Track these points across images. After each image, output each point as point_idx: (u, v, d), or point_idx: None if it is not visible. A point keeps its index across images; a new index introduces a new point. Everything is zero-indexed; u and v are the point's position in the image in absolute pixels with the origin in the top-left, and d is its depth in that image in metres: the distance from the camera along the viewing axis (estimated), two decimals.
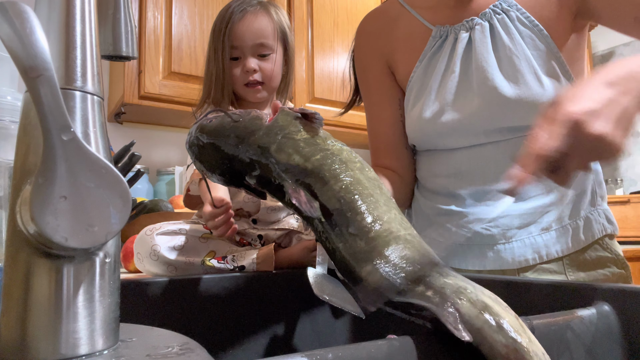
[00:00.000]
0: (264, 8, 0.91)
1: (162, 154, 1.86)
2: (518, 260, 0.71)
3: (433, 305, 0.30)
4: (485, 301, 0.29)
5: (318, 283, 0.48)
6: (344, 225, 0.38)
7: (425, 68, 0.79)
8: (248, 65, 0.87)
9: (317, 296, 0.46)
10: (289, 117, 0.45)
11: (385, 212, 0.38)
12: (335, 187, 0.39)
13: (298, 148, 0.42)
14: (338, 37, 1.98)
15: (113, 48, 0.37)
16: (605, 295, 0.40)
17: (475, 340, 0.27)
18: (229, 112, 0.47)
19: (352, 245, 0.37)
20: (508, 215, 0.72)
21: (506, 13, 0.72)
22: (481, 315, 0.28)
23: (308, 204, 0.39)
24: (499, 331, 0.27)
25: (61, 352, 0.25)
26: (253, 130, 0.44)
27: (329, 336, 0.72)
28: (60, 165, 0.24)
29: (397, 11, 0.85)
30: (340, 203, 0.38)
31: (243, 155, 0.44)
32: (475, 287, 0.31)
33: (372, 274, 0.35)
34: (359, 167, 0.42)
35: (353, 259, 0.36)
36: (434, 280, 0.32)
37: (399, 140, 0.85)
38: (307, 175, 0.40)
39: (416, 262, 0.34)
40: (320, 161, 0.41)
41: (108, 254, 0.28)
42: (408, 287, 0.32)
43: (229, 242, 0.81)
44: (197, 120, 0.50)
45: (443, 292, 0.30)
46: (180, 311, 0.62)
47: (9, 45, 0.23)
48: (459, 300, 0.29)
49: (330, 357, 0.24)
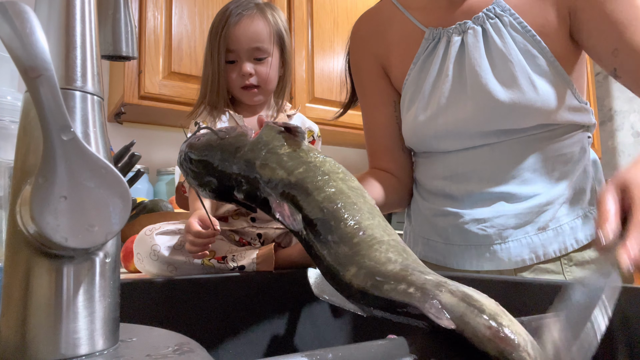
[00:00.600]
0: (261, 11, 0.91)
1: (162, 154, 1.86)
2: (515, 260, 0.71)
3: (415, 300, 0.30)
4: (464, 290, 0.30)
5: (318, 284, 0.48)
6: (328, 233, 0.39)
7: (419, 71, 0.79)
8: (244, 69, 0.88)
9: (317, 297, 0.46)
10: (272, 132, 0.46)
11: (368, 219, 0.40)
12: (318, 198, 0.40)
13: (281, 162, 0.43)
14: (338, 37, 1.98)
15: (113, 48, 0.37)
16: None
17: (458, 327, 0.28)
18: (215, 130, 0.49)
19: (336, 251, 0.38)
20: (504, 215, 0.72)
21: (499, 18, 0.72)
22: (461, 302, 0.29)
23: (291, 217, 0.41)
24: (480, 315, 0.28)
25: (61, 352, 0.25)
26: (238, 147, 0.46)
27: (329, 336, 0.72)
28: (60, 165, 0.24)
29: (390, 12, 0.85)
30: (324, 213, 0.40)
31: (230, 171, 0.46)
32: (454, 283, 0.32)
33: (356, 276, 0.36)
34: (341, 178, 0.43)
35: (337, 264, 0.37)
36: (415, 278, 0.32)
37: (395, 143, 0.85)
38: (291, 188, 0.42)
39: (398, 263, 0.35)
40: (303, 174, 0.42)
41: (108, 254, 0.28)
42: (391, 286, 0.33)
43: (228, 242, 0.81)
44: (187, 139, 0.51)
45: (424, 287, 0.31)
46: (180, 311, 0.62)
47: (9, 45, 0.23)
48: (439, 292, 0.30)
49: (330, 357, 0.24)
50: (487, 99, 0.70)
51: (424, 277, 0.32)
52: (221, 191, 0.48)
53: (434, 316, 0.28)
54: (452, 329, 0.28)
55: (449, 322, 0.28)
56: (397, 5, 0.84)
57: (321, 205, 0.40)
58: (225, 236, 0.83)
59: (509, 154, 0.72)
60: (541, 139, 0.72)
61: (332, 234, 0.39)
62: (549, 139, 0.72)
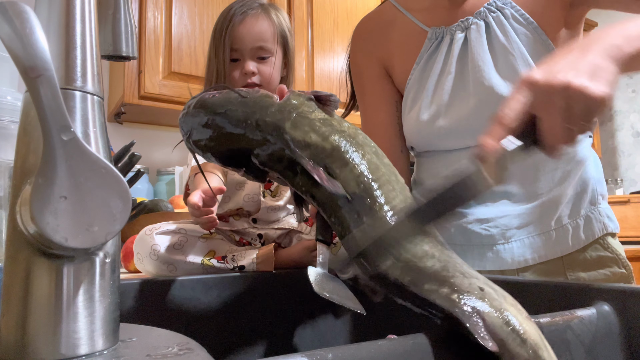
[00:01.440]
0: (265, 11, 0.91)
1: (162, 154, 1.86)
2: (517, 260, 0.71)
3: (458, 310, 0.29)
4: (509, 310, 0.29)
5: (318, 281, 0.48)
6: (362, 211, 0.37)
7: (422, 70, 0.79)
8: (247, 68, 0.88)
9: (318, 294, 0.46)
10: (301, 98, 0.43)
11: (402, 202, 0.38)
12: (355, 171, 0.38)
13: (314, 127, 0.41)
14: (338, 37, 1.98)
15: (113, 48, 0.37)
16: (605, 295, 0.40)
17: (497, 350, 0.28)
18: (235, 89, 0.45)
19: (369, 234, 0.36)
20: (507, 216, 0.71)
21: (501, 11, 0.72)
22: (505, 326, 0.28)
23: (329, 181, 0.38)
24: (522, 345, 0.28)
25: (61, 352, 0.25)
26: (264, 107, 0.43)
27: (329, 336, 0.72)
28: (60, 165, 0.24)
29: (392, 14, 0.85)
30: (360, 188, 0.37)
31: (251, 132, 0.42)
32: (497, 292, 0.31)
33: (392, 268, 0.34)
34: (374, 152, 0.41)
35: (371, 249, 0.36)
36: (458, 282, 0.31)
37: (395, 144, 0.85)
38: (326, 155, 0.39)
39: (436, 259, 0.34)
40: (338, 142, 0.40)
41: (108, 254, 0.28)
42: (432, 286, 0.32)
43: (228, 242, 0.81)
44: (195, 96, 0.47)
45: (468, 297, 0.30)
46: (180, 311, 0.62)
47: (9, 45, 0.23)
48: (484, 307, 0.29)
49: (330, 357, 0.24)
50: (489, 93, 0.70)
51: (467, 282, 0.31)
52: (232, 154, 0.45)
53: (479, 335, 0.28)
54: (495, 351, 0.27)
55: (494, 346, 0.27)
56: (398, 8, 0.84)
57: (358, 179, 0.38)
58: (225, 236, 0.83)
59: None
60: None
61: (367, 213, 0.37)
62: None
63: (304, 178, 0.41)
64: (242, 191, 0.87)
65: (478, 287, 0.31)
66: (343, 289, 0.50)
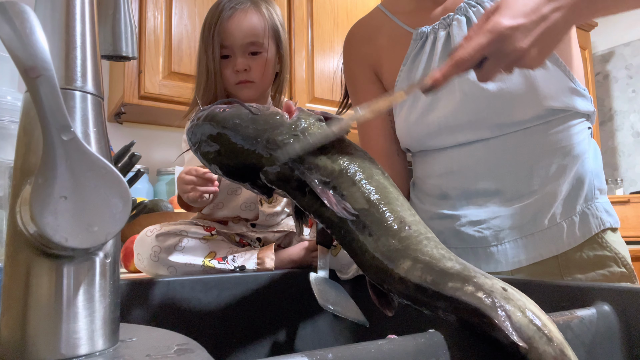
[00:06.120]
0: (255, 5, 0.89)
1: (162, 154, 1.86)
2: (512, 261, 0.70)
3: (486, 307, 0.29)
4: (533, 310, 0.30)
5: (321, 291, 0.47)
6: (373, 225, 0.37)
7: (409, 71, 0.79)
8: (238, 64, 0.85)
9: (322, 306, 0.46)
10: (311, 119, 0.44)
11: (411, 215, 0.39)
12: (363, 189, 0.39)
13: (324, 149, 0.42)
14: (338, 37, 1.98)
15: (113, 48, 0.37)
16: (605, 295, 0.40)
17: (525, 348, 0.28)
18: (246, 104, 0.46)
19: (384, 244, 0.36)
20: (499, 217, 0.71)
21: (480, 4, 0.73)
22: (531, 325, 0.29)
23: (338, 205, 0.39)
24: (549, 343, 0.28)
25: (61, 352, 0.25)
26: (274, 125, 0.43)
27: (329, 336, 0.72)
28: (60, 165, 0.24)
29: (381, 20, 0.86)
30: (369, 204, 0.38)
31: (261, 149, 0.43)
32: (519, 293, 0.31)
33: (411, 270, 0.34)
34: (381, 172, 0.43)
35: (387, 258, 0.36)
36: (481, 282, 0.31)
37: (390, 148, 0.85)
38: (336, 177, 0.40)
39: (454, 261, 0.34)
40: (347, 163, 0.41)
41: (108, 254, 0.28)
42: (456, 284, 0.32)
43: (229, 243, 0.81)
44: (204, 108, 0.48)
45: (493, 295, 0.30)
46: (180, 311, 0.62)
47: (9, 45, 0.23)
48: (510, 306, 0.30)
49: (330, 357, 0.24)
50: (474, 88, 0.70)
51: (490, 282, 0.31)
52: (239, 169, 0.45)
53: (508, 331, 0.28)
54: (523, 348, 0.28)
55: (523, 343, 0.28)
56: (385, 12, 0.85)
57: (366, 197, 0.39)
58: (225, 237, 0.83)
59: (503, 149, 0.72)
60: (537, 132, 0.71)
61: (377, 227, 0.37)
62: (545, 132, 0.71)
63: (312, 199, 0.41)
64: (239, 198, 0.86)
65: (501, 287, 0.31)
66: (345, 299, 0.50)
